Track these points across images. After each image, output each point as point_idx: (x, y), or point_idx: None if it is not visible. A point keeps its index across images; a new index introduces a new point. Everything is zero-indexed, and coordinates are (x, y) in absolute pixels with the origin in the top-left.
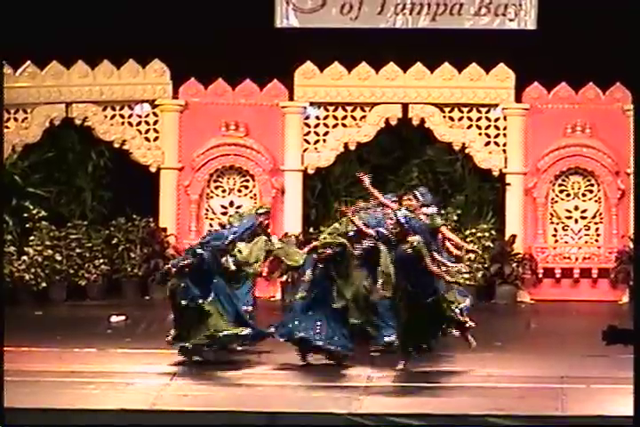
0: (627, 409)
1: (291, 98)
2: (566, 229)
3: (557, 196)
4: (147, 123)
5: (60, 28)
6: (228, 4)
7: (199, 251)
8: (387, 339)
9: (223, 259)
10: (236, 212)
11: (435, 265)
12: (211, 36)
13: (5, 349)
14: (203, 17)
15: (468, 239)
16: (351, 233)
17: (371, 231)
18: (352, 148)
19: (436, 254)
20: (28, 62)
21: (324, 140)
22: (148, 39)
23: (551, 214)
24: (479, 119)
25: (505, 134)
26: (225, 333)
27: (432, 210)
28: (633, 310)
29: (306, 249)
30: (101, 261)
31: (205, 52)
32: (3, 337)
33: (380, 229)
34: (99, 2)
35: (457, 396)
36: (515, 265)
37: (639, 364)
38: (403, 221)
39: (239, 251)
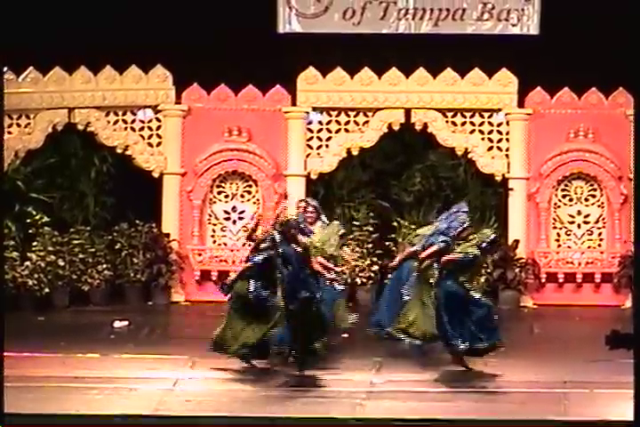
0: (630, 414)
1: (293, 103)
2: (569, 234)
3: (560, 201)
4: (149, 128)
5: (62, 34)
6: (230, 9)
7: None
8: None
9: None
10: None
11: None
12: (213, 41)
13: (8, 354)
14: (205, 22)
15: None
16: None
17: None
18: (355, 153)
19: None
20: (31, 68)
21: (327, 146)
22: (151, 44)
23: (554, 219)
24: (482, 124)
25: (508, 139)
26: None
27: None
28: (633, 314)
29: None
30: (104, 266)
31: (208, 57)
32: (3, 341)
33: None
34: (101, 7)
35: (460, 401)
36: (517, 270)
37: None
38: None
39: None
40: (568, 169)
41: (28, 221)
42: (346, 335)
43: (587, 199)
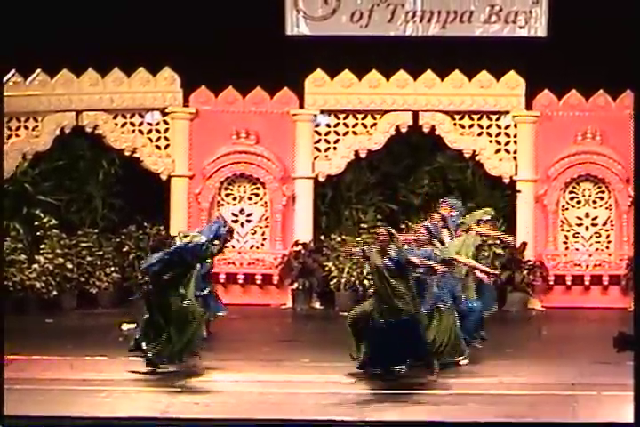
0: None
1: (301, 106)
2: (577, 237)
3: (568, 203)
4: (157, 131)
5: (70, 36)
6: (238, 12)
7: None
8: None
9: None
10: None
11: None
12: (221, 43)
13: (17, 357)
14: (213, 24)
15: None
16: None
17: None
18: (363, 155)
19: None
20: (39, 70)
21: (335, 148)
22: (159, 47)
23: (562, 221)
24: (489, 127)
25: (515, 142)
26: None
27: None
28: (634, 317)
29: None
30: (112, 268)
31: (216, 59)
32: (3, 343)
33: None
34: (109, 10)
35: (468, 403)
36: (525, 272)
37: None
38: None
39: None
40: (576, 171)
41: (36, 223)
42: None
43: (594, 201)
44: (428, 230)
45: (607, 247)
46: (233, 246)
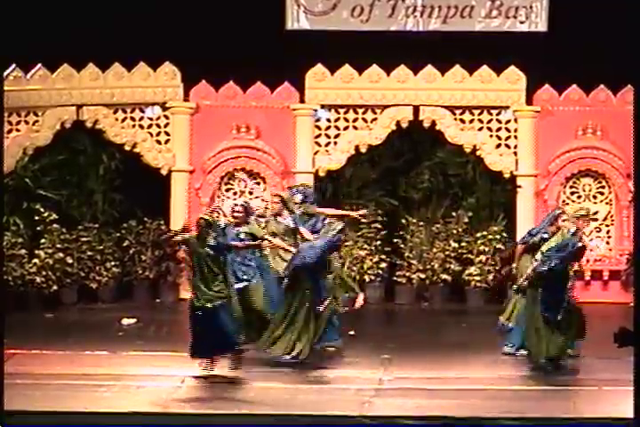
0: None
1: (302, 100)
2: None
3: (568, 198)
4: (158, 125)
5: (70, 31)
6: (238, 7)
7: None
8: None
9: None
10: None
11: None
12: (221, 38)
13: (17, 352)
14: (213, 19)
15: (479, 241)
16: None
17: None
18: (363, 150)
19: None
20: (39, 65)
21: (335, 143)
22: (159, 42)
23: None
24: (490, 121)
25: (516, 136)
26: None
27: None
28: (634, 312)
29: None
30: (112, 263)
31: (216, 54)
32: (2, 340)
33: None
34: (110, 5)
35: (469, 398)
36: None
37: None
38: None
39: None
40: (576, 166)
41: (37, 218)
42: (352, 333)
43: (595, 196)
44: (244, 209)
45: (607, 242)
46: None
